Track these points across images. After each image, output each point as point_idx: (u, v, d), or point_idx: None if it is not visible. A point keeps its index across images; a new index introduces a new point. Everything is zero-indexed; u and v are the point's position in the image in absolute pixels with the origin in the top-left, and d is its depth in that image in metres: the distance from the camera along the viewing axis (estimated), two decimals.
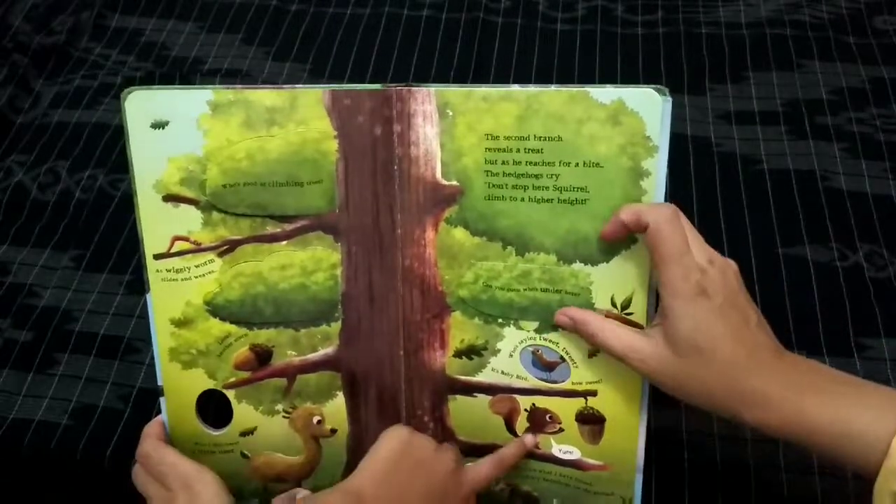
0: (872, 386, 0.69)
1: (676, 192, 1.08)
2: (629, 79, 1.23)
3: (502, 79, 1.24)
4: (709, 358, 0.69)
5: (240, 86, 0.78)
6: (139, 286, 0.82)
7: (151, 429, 0.85)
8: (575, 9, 1.33)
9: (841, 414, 0.66)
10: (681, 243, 0.70)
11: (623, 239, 0.76)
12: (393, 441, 0.80)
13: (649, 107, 0.72)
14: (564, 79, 1.23)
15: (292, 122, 0.78)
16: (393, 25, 1.33)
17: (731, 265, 0.73)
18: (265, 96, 0.77)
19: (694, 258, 0.70)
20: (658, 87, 0.72)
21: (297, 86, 0.78)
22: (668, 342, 0.71)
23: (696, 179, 1.10)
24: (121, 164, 0.78)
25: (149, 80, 1.28)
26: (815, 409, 0.67)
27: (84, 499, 0.98)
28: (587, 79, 1.23)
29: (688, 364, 0.70)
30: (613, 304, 0.78)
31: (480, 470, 0.82)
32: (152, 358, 0.84)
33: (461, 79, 1.24)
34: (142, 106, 0.78)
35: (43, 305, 1.06)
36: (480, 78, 1.25)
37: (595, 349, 0.79)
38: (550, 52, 1.28)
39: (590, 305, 0.78)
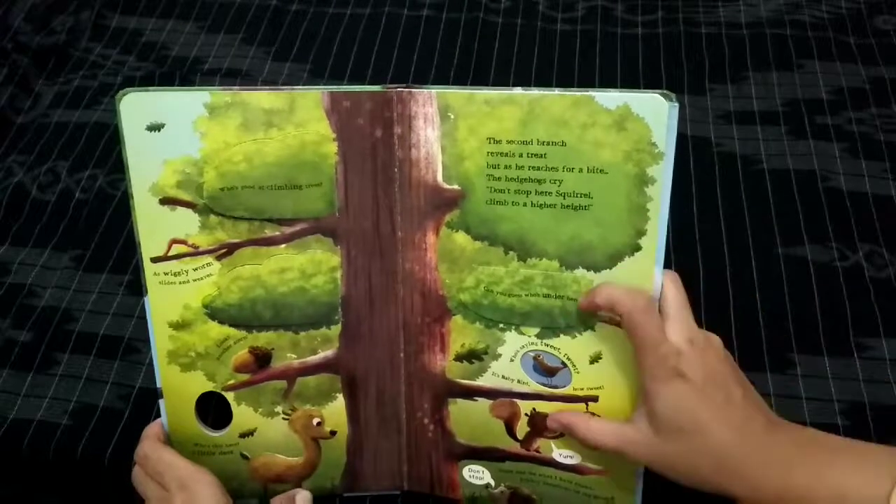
0: (865, 446, 0.70)
1: (676, 193, 1.07)
2: (629, 79, 1.22)
3: (502, 79, 1.24)
4: (693, 439, 0.69)
5: (237, 87, 0.77)
6: (139, 286, 0.82)
7: (151, 430, 0.85)
8: (575, 9, 1.33)
9: (834, 483, 0.66)
10: (655, 332, 0.71)
11: (595, 311, 0.77)
12: None
13: (656, 112, 0.71)
14: (564, 79, 1.23)
15: (291, 125, 0.77)
16: (393, 25, 1.33)
17: (713, 342, 0.74)
18: (263, 98, 0.77)
19: (670, 344, 0.71)
20: (665, 92, 0.71)
21: (295, 87, 0.77)
22: (653, 426, 0.71)
23: (696, 179, 1.10)
24: (120, 165, 0.78)
25: (149, 80, 1.28)
26: (807, 481, 0.67)
27: (84, 499, 0.98)
28: (587, 79, 1.23)
29: (674, 446, 0.70)
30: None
31: None
32: (152, 358, 0.84)
33: (461, 79, 1.24)
34: (137, 108, 0.77)
35: (43, 305, 1.06)
36: (480, 78, 1.25)
37: (597, 355, 0.79)
38: (550, 52, 1.28)
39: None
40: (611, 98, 0.72)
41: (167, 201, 0.79)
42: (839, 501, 0.66)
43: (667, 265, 0.75)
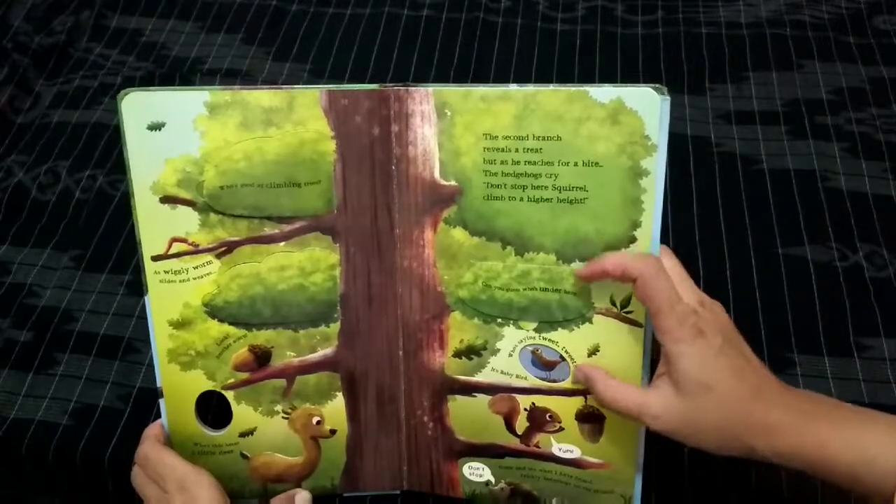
0: (881, 414, 0.70)
1: (676, 193, 1.08)
2: (629, 79, 1.23)
3: (502, 79, 1.24)
4: (718, 394, 0.69)
5: (237, 87, 0.77)
6: (139, 286, 0.82)
7: (151, 431, 0.85)
8: (575, 9, 1.33)
9: (854, 440, 0.66)
10: (671, 292, 0.71)
11: (600, 281, 0.76)
12: None
13: (648, 106, 0.72)
14: (564, 79, 1.23)
15: (290, 123, 0.77)
16: (393, 25, 1.33)
17: (719, 305, 0.74)
18: (262, 97, 0.77)
19: (686, 304, 0.71)
20: (657, 86, 0.72)
21: (294, 86, 0.77)
22: (676, 388, 0.71)
23: (696, 179, 1.10)
24: (120, 165, 0.78)
25: (149, 80, 1.28)
26: (828, 434, 0.67)
27: (84, 499, 0.98)
28: (587, 79, 1.23)
29: (698, 405, 0.70)
30: (613, 303, 0.77)
31: None
32: (152, 358, 0.84)
33: (461, 79, 1.25)
34: (138, 107, 0.77)
35: (43, 305, 1.07)
36: (480, 78, 1.25)
37: (595, 347, 0.79)
38: (550, 52, 1.28)
39: (589, 304, 0.78)
40: (604, 92, 0.73)
41: (167, 200, 0.79)
42: (858, 460, 0.66)
43: None
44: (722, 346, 0.70)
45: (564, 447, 0.83)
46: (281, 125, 0.77)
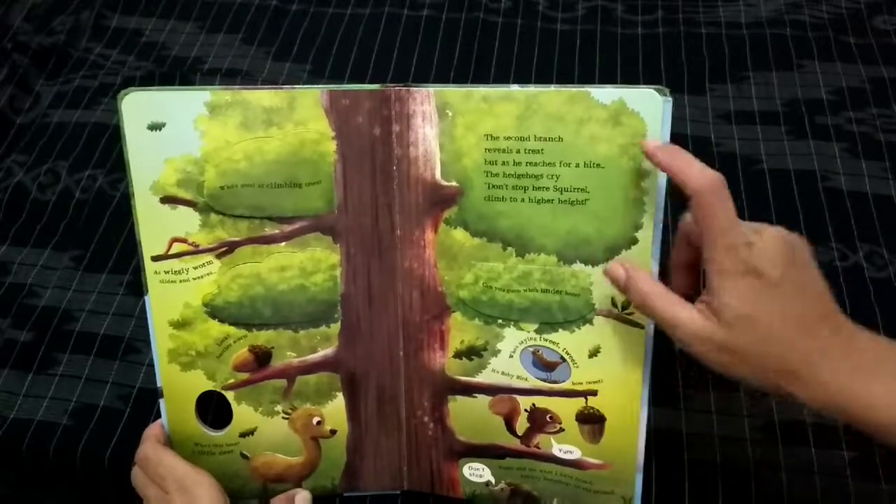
0: None
1: (677, 193, 1.07)
2: (629, 79, 1.23)
3: (502, 79, 1.24)
4: (760, 334, 0.66)
5: (237, 87, 0.77)
6: (139, 286, 0.82)
7: (151, 431, 0.85)
8: (575, 9, 1.33)
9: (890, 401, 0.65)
10: (726, 217, 0.67)
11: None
12: None
13: (650, 107, 0.72)
14: (564, 79, 1.23)
15: (290, 123, 0.77)
16: (393, 25, 1.33)
17: (782, 234, 0.68)
18: (263, 97, 0.77)
19: (741, 233, 0.67)
20: (659, 87, 0.72)
21: (295, 86, 0.77)
22: (717, 317, 0.67)
23: None
24: (120, 164, 0.78)
25: (149, 80, 1.28)
26: (877, 395, 0.65)
27: (84, 499, 0.98)
28: (587, 79, 1.23)
29: (736, 338, 0.67)
30: (614, 305, 0.77)
31: None
32: (152, 358, 0.84)
33: (461, 79, 1.25)
34: (138, 107, 0.77)
35: (43, 305, 1.07)
36: (480, 78, 1.25)
37: (596, 349, 0.79)
38: (550, 52, 1.28)
39: (590, 306, 0.78)
40: (606, 93, 0.73)
41: (168, 200, 0.79)
42: None
43: (663, 258, 0.75)
44: (774, 284, 0.66)
45: (565, 448, 0.84)
46: (282, 125, 0.77)
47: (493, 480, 0.87)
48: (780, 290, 0.66)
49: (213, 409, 0.87)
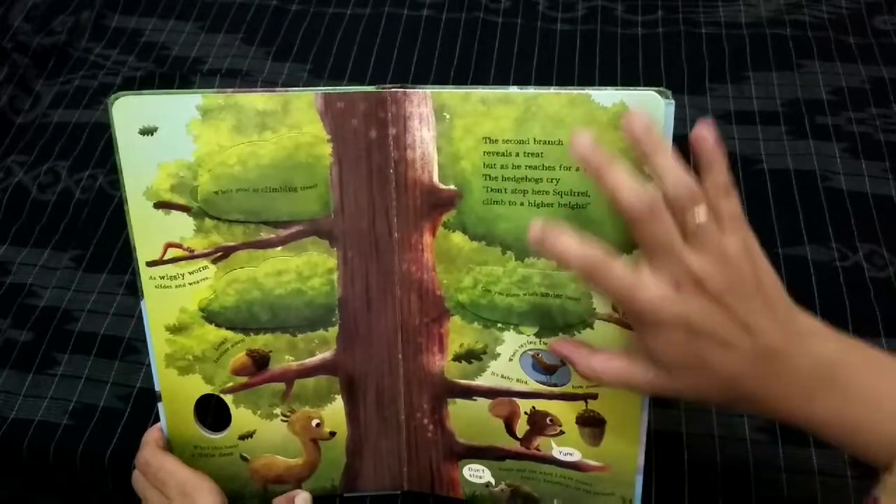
0: (889, 365, 0.68)
1: None
2: (629, 79, 1.22)
3: (502, 79, 1.24)
4: (693, 377, 0.67)
5: (229, 90, 0.77)
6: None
7: (151, 435, 0.85)
8: (575, 9, 1.33)
9: (848, 418, 0.65)
10: (620, 288, 0.67)
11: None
12: None
13: (652, 110, 0.71)
14: (564, 79, 1.23)
15: (285, 127, 0.77)
16: (393, 25, 1.33)
17: (701, 272, 0.65)
18: (256, 100, 0.76)
19: (645, 301, 0.66)
20: (661, 89, 0.71)
21: (288, 89, 0.77)
22: (656, 363, 0.69)
23: (696, 179, 1.10)
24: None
25: (149, 81, 1.28)
26: (828, 410, 0.66)
27: (84, 499, 0.99)
28: (587, 79, 1.23)
29: (681, 382, 0.68)
30: (614, 309, 0.77)
31: None
32: (150, 361, 0.84)
33: (461, 79, 1.24)
34: (130, 112, 0.76)
35: (43, 305, 1.07)
36: (480, 78, 1.25)
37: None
38: (550, 52, 1.28)
39: (590, 310, 0.78)
40: (607, 96, 0.72)
41: (161, 205, 0.79)
42: (852, 434, 0.65)
43: None
44: (698, 329, 0.65)
45: (565, 450, 0.83)
46: (276, 129, 0.77)
47: (492, 481, 0.87)
48: (702, 334, 0.66)
49: (213, 411, 0.87)
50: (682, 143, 1.11)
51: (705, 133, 0.68)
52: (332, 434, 0.86)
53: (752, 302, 0.66)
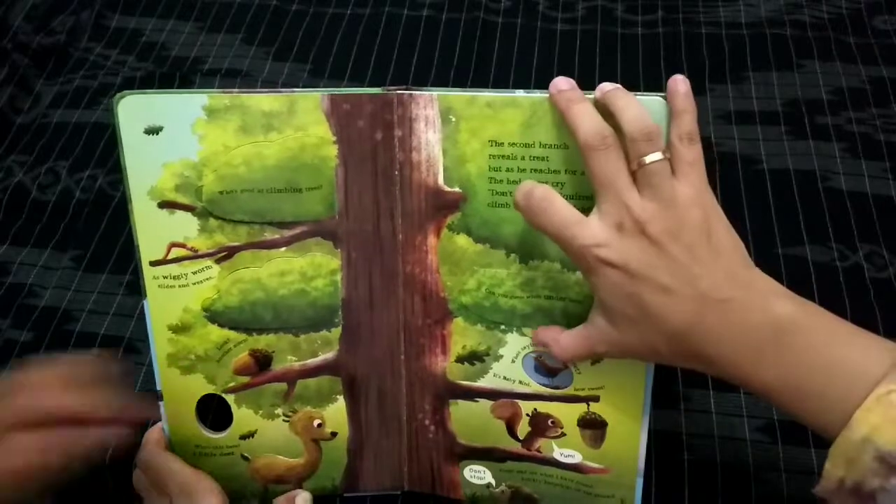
0: (845, 332, 0.66)
1: None
2: (629, 79, 1.22)
3: (502, 79, 1.24)
4: (645, 325, 0.66)
5: (236, 90, 0.77)
6: (139, 287, 0.81)
7: (152, 435, 0.85)
8: (575, 9, 1.33)
9: (799, 382, 0.64)
10: (562, 223, 0.68)
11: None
12: None
13: (656, 114, 0.70)
14: None
15: (290, 128, 0.77)
16: (393, 25, 1.33)
17: (644, 215, 0.66)
18: (262, 101, 0.76)
19: (589, 235, 0.66)
20: (665, 94, 0.70)
21: (294, 90, 0.77)
22: (606, 318, 0.69)
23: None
24: (120, 165, 0.78)
25: (149, 81, 1.28)
26: (769, 378, 0.65)
27: (84, 499, 0.98)
28: (587, 79, 1.22)
29: (631, 335, 0.68)
30: None
31: None
32: (152, 361, 0.84)
33: (461, 79, 1.24)
34: (135, 111, 0.76)
35: (43, 305, 1.07)
36: (480, 78, 1.24)
37: (599, 357, 0.79)
38: (550, 52, 1.28)
39: None
40: None
41: (166, 205, 0.79)
42: (808, 410, 0.64)
43: None
44: (639, 273, 0.65)
45: (566, 452, 0.84)
46: (281, 129, 0.77)
47: (493, 483, 0.88)
48: (644, 279, 0.65)
49: (214, 410, 0.87)
50: None
51: (680, 85, 0.69)
52: (334, 434, 0.87)
53: (698, 250, 0.65)
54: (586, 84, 0.72)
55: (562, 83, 0.71)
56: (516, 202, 0.70)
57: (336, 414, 0.86)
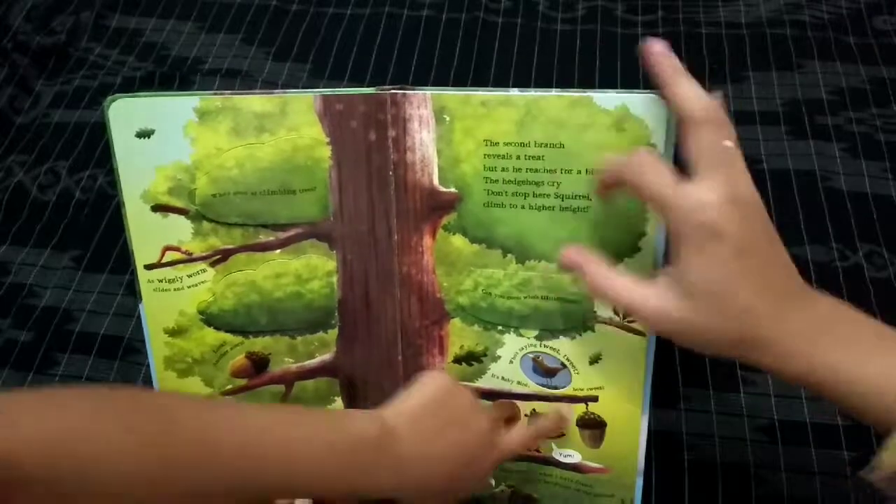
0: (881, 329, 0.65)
1: None
2: (629, 79, 1.22)
3: (502, 79, 1.24)
4: (723, 304, 0.63)
5: (227, 92, 0.77)
6: None
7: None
8: (575, 9, 1.33)
9: (856, 369, 0.62)
10: (672, 189, 0.63)
11: (614, 189, 0.71)
12: (433, 387, 0.76)
13: (654, 113, 0.70)
14: (565, 79, 1.23)
15: (283, 129, 0.77)
16: (393, 25, 1.33)
17: (752, 199, 0.64)
18: (254, 102, 0.76)
19: (700, 201, 0.63)
20: (658, 91, 0.70)
21: (286, 91, 0.77)
22: (681, 289, 0.64)
23: None
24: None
25: (149, 81, 1.28)
26: (841, 364, 0.62)
27: None
28: (587, 79, 1.23)
29: (700, 310, 0.64)
30: (615, 312, 0.77)
31: (513, 437, 0.79)
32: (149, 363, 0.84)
33: (461, 79, 1.24)
34: (126, 114, 0.76)
35: (43, 305, 1.07)
36: (480, 78, 1.24)
37: (597, 355, 0.79)
38: (550, 52, 1.28)
39: (591, 313, 0.78)
40: (609, 99, 0.71)
41: (159, 208, 0.79)
42: (856, 388, 0.62)
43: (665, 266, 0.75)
44: (741, 250, 0.62)
45: (565, 452, 0.84)
46: (274, 131, 0.77)
47: (493, 483, 0.87)
48: (744, 258, 0.63)
49: None
50: None
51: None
52: None
53: (773, 251, 0.65)
54: (587, 84, 0.72)
55: (657, 46, 0.67)
56: (617, 167, 0.67)
57: None
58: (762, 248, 0.63)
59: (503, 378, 0.82)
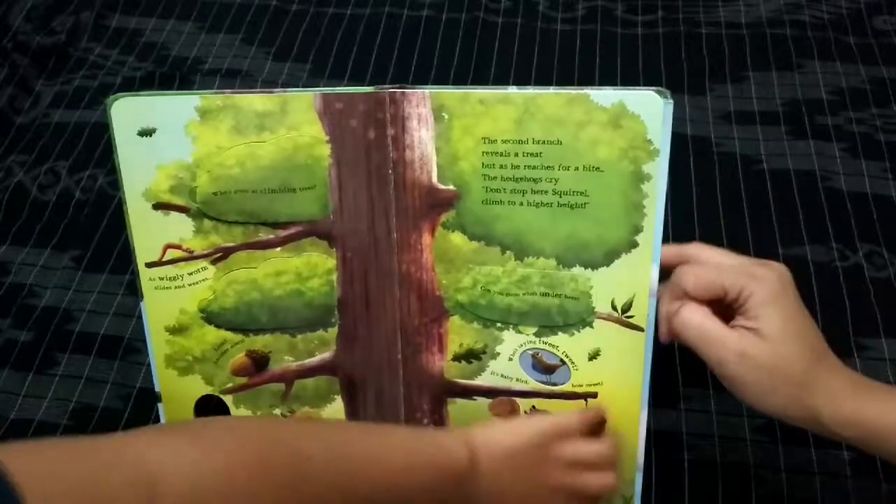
0: None
1: (677, 193, 1.07)
2: (629, 79, 1.22)
3: (502, 79, 1.24)
4: (799, 346, 0.70)
5: (228, 91, 0.77)
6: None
7: None
8: (575, 9, 1.33)
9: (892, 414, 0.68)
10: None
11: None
12: (535, 429, 0.77)
13: (651, 109, 0.71)
14: (564, 79, 1.23)
15: (283, 128, 0.77)
16: (393, 25, 1.33)
17: (781, 277, 0.72)
18: (255, 101, 0.76)
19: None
20: (660, 89, 0.70)
21: (287, 90, 0.77)
22: (757, 335, 0.70)
23: (696, 179, 1.10)
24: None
25: (149, 81, 1.28)
26: (887, 404, 0.68)
27: None
28: (587, 79, 1.23)
29: (779, 354, 0.69)
30: (614, 308, 0.77)
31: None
32: (150, 362, 0.84)
33: (461, 79, 1.24)
34: (128, 113, 0.76)
35: (43, 305, 1.07)
36: (480, 78, 1.24)
37: (596, 351, 0.79)
38: (550, 52, 1.28)
39: (590, 309, 0.78)
40: (606, 96, 0.72)
41: (161, 206, 0.79)
42: None
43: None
44: (799, 304, 0.71)
45: None
46: (274, 130, 0.77)
47: None
48: (803, 311, 0.71)
49: (213, 411, 0.87)
50: (683, 143, 1.12)
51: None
52: None
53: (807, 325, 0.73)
54: (586, 83, 0.72)
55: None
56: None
57: (334, 414, 0.86)
58: (799, 329, 0.71)
59: (502, 375, 0.82)
